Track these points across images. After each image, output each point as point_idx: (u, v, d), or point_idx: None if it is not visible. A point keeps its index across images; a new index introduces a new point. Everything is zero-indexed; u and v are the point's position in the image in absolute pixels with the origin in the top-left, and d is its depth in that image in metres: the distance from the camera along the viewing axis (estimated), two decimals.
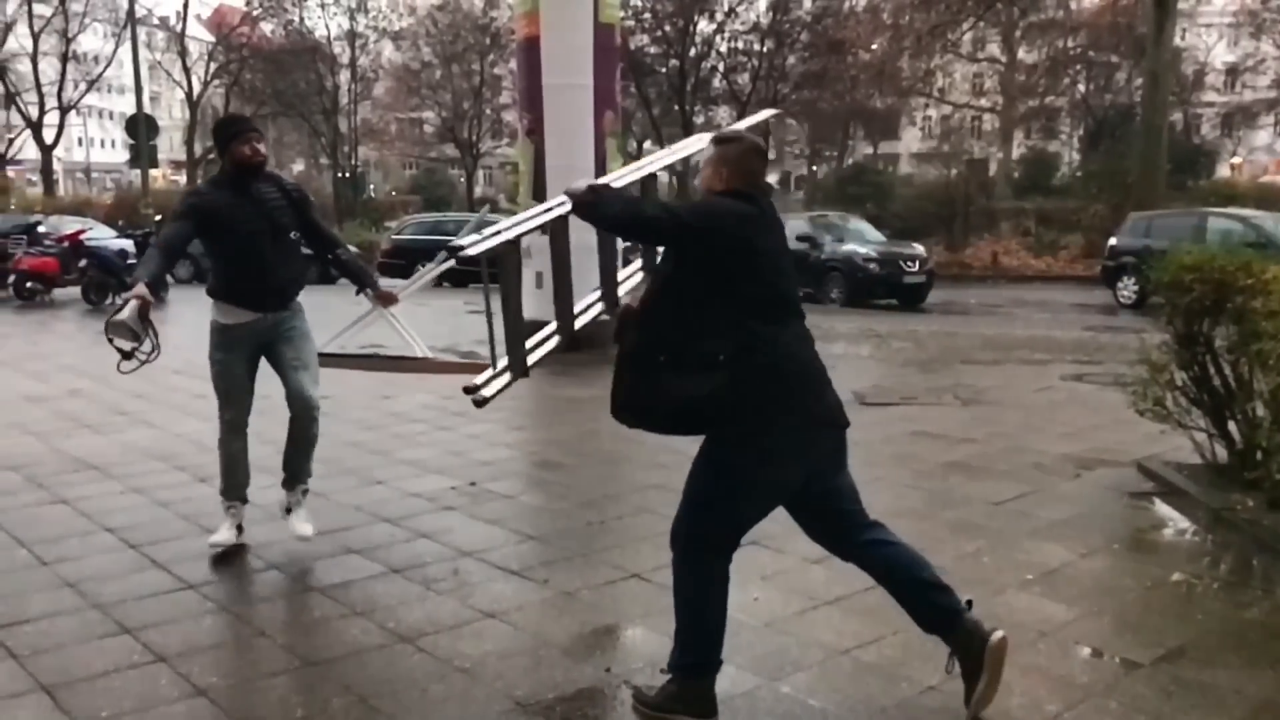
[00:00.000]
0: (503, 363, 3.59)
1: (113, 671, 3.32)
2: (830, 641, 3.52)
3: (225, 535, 4.49)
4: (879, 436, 6.63)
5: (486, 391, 3.46)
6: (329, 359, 4.78)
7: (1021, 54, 34.71)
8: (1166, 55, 22.01)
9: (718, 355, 2.84)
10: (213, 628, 3.71)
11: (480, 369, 3.72)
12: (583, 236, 3.65)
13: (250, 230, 4.30)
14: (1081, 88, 36.37)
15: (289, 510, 4.60)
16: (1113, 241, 17.75)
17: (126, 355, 4.02)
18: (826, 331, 12.55)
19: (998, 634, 3.00)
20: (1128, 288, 16.91)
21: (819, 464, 3.04)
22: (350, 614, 3.80)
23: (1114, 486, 5.45)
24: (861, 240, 18.17)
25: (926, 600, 3.10)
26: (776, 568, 4.21)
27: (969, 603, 3.10)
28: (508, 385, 3.57)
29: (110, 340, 3.97)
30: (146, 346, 4.05)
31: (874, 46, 32.19)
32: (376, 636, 3.60)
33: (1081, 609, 3.82)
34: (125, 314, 3.92)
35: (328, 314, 5.12)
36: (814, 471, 3.03)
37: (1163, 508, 5.10)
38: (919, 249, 18.11)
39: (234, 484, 4.56)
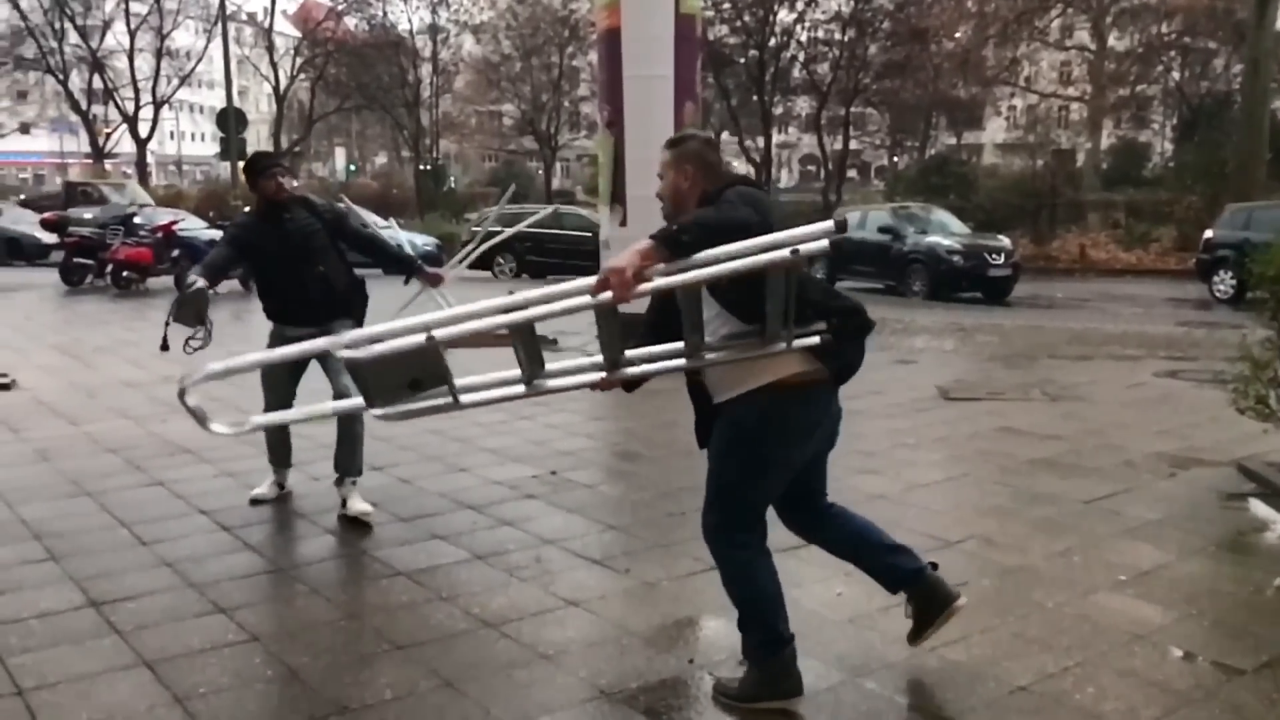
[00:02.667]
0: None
1: (209, 649, 3.42)
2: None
3: (263, 490, 5.11)
4: (964, 432, 6.51)
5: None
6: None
7: (1112, 41, 33.73)
8: (1269, 41, 21.16)
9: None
10: (304, 609, 3.80)
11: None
12: None
13: (283, 256, 4.79)
14: (1175, 75, 35.15)
15: (344, 503, 4.86)
16: (1209, 234, 17.15)
17: (190, 339, 4.62)
18: (908, 325, 12.38)
19: (961, 600, 3.27)
20: (1224, 282, 16.33)
21: (829, 434, 3.12)
22: (436, 599, 3.85)
23: (1211, 487, 5.28)
24: (945, 232, 17.83)
25: (891, 563, 3.27)
26: None
27: (934, 564, 3.30)
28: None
29: (168, 323, 4.63)
30: (201, 333, 4.69)
31: (958, 34, 31.59)
32: (462, 621, 3.65)
33: (1178, 612, 3.70)
34: (189, 302, 4.54)
35: (382, 299, 5.30)
36: (824, 442, 3.12)
37: (1264, 509, 4.91)
38: (1004, 241, 17.72)
39: (276, 457, 5.16)
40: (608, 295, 2.64)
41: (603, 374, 2.94)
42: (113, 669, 3.27)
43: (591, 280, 2.71)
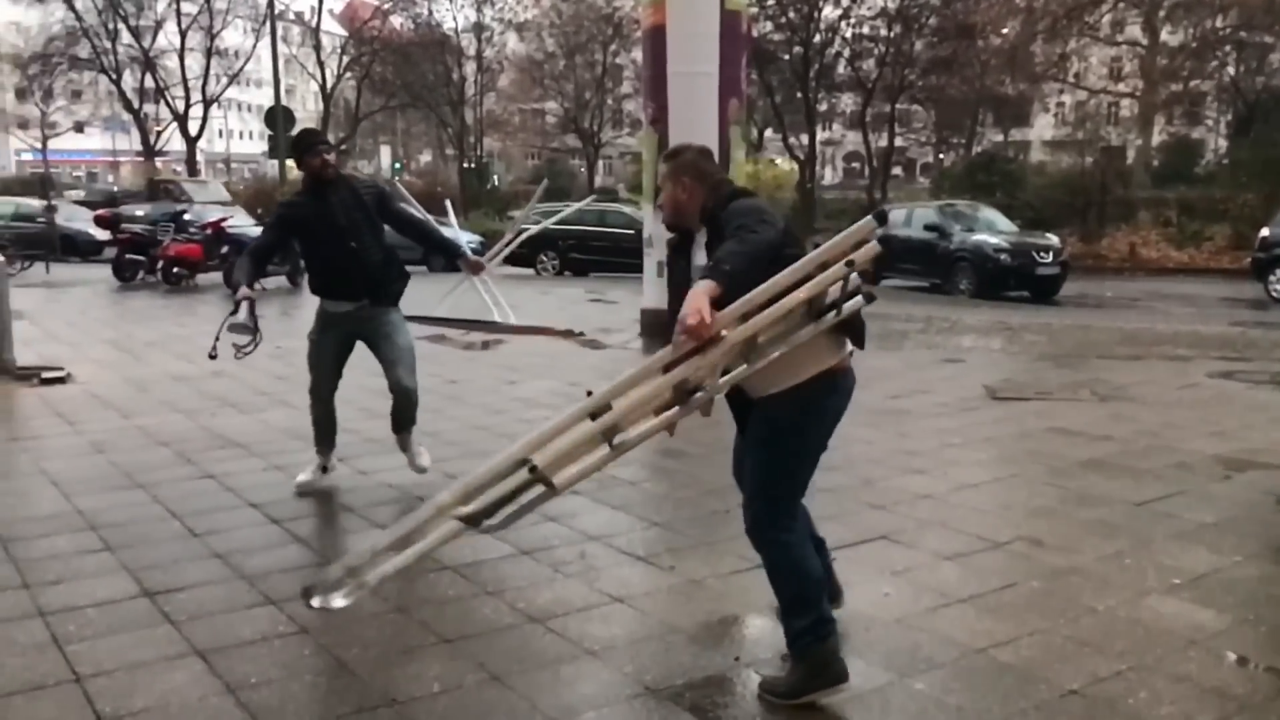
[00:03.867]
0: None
1: (260, 640, 3.46)
2: (964, 640, 3.43)
3: (306, 476, 5.24)
4: (1012, 432, 6.44)
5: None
6: (418, 320, 5.40)
7: (1165, 35, 33.11)
8: None
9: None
10: (352, 602, 3.82)
11: (558, 334, 3.99)
12: None
13: (330, 233, 4.90)
14: (1230, 70, 34.47)
15: (404, 449, 5.30)
16: (1265, 233, 16.80)
17: (241, 346, 4.82)
18: (955, 324, 12.26)
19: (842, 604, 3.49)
20: None
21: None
22: (482, 593, 3.88)
23: (1268, 490, 5.17)
24: (992, 230, 17.62)
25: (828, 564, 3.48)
26: (907, 563, 4.13)
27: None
28: None
29: (218, 337, 4.83)
30: (257, 339, 4.84)
31: (1005, 30, 31.14)
32: (508, 616, 3.67)
33: (1234, 617, 3.63)
34: (241, 315, 4.69)
35: (425, 285, 5.38)
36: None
37: None
38: (1053, 239, 17.48)
39: (319, 437, 5.30)
40: (690, 345, 2.74)
41: (678, 408, 2.94)
42: (166, 658, 3.32)
43: (664, 352, 2.82)
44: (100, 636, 3.48)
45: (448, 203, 6.87)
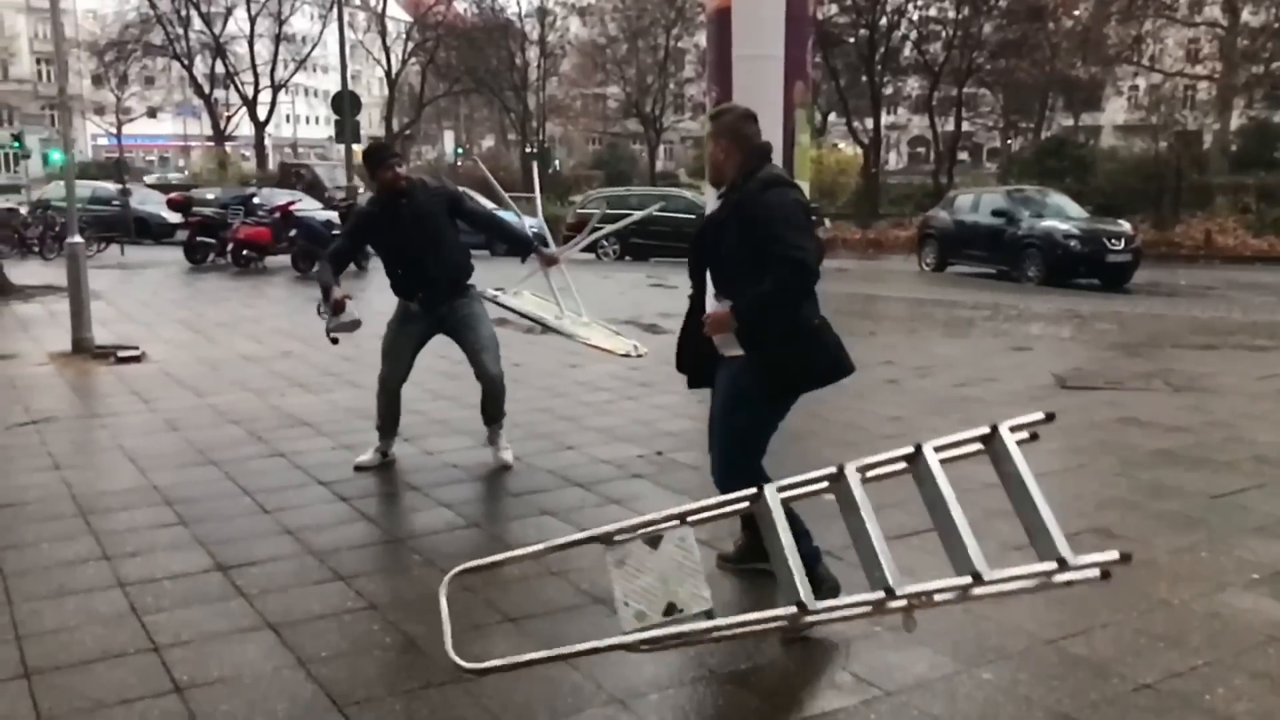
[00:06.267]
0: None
1: (330, 615, 3.53)
2: (1034, 630, 3.38)
3: (367, 457, 5.36)
4: (1083, 422, 6.31)
5: None
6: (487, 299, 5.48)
7: (1246, 15, 32.04)
8: None
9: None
10: (419, 579, 3.88)
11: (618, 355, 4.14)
12: None
13: (403, 240, 5.06)
14: None
15: (491, 442, 5.38)
16: None
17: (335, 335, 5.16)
18: (1022, 311, 12.05)
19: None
20: None
21: None
22: (546, 574, 3.90)
23: None
24: (1062, 216, 17.25)
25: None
26: None
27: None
28: None
29: (335, 341, 5.17)
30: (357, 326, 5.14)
31: (1077, 11, 30.48)
32: (572, 597, 3.69)
33: None
34: (345, 316, 5.00)
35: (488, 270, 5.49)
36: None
37: None
38: (1125, 226, 17.07)
39: (383, 424, 5.40)
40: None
41: (789, 620, 2.92)
42: (240, 630, 3.40)
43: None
44: (176, 607, 3.57)
45: (535, 176, 7.04)
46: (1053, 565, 2.84)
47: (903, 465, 3.08)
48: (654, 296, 13.39)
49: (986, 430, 3.03)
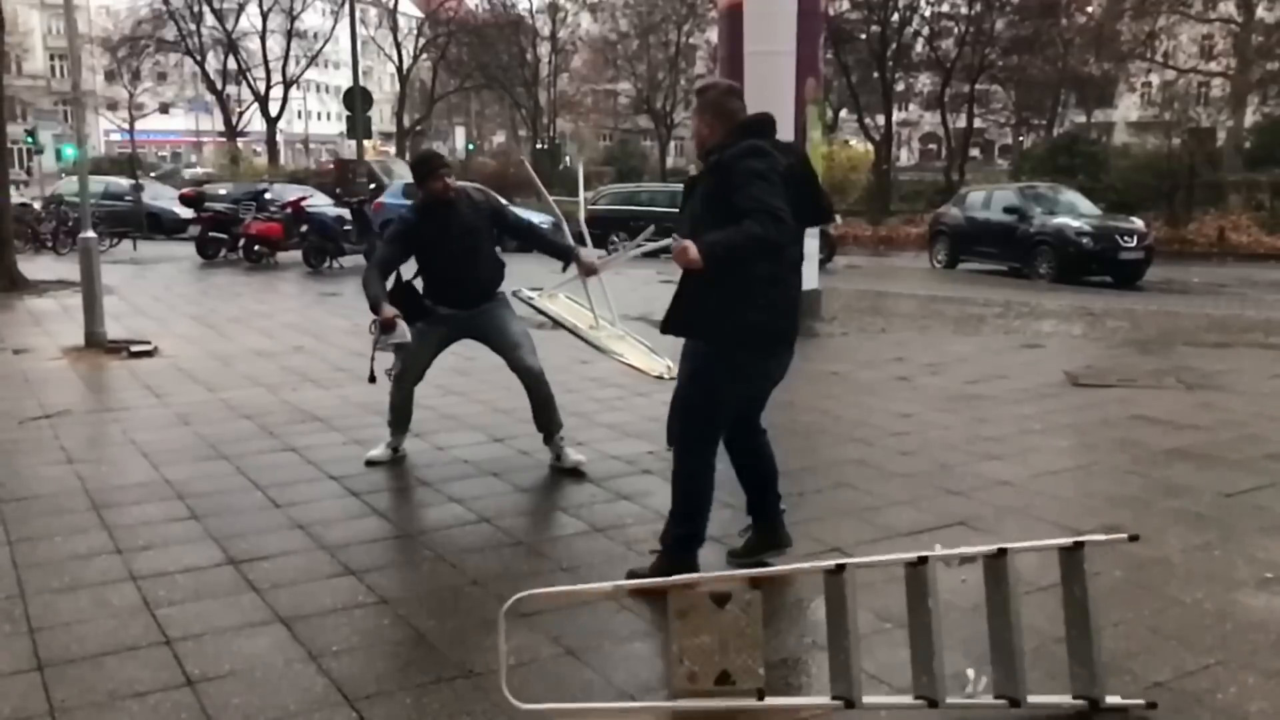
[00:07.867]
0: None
1: (341, 609, 3.54)
2: (1044, 628, 3.37)
3: (378, 452, 5.39)
4: (1094, 419, 6.29)
5: None
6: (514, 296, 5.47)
7: (1261, 11, 31.86)
8: None
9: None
10: (430, 575, 3.89)
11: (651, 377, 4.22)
12: None
13: (447, 248, 5.10)
14: None
15: (558, 458, 5.27)
16: None
17: (389, 370, 5.21)
18: (1034, 308, 12.01)
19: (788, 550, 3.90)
20: None
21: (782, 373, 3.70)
22: (557, 569, 3.91)
23: None
24: (1074, 213, 17.19)
25: (771, 499, 3.89)
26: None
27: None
28: None
29: (373, 379, 5.21)
30: (397, 358, 5.20)
31: (1090, 8, 30.33)
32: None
33: None
34: (397, 336, 4.97)
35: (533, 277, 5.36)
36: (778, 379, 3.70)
37: None
38: (1137, 223, 17.00)
39: (395, 421, 5.43)
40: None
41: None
42: (251, 624, 3.41)
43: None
44: (188, 601, 3.59)
45: (579, 172, 6.95)
46: (1083, 704, 2.85)
47: (980, 561, 3.01)
48: (665, 293, 13.32)
49: (1069, 543, 2.95)
